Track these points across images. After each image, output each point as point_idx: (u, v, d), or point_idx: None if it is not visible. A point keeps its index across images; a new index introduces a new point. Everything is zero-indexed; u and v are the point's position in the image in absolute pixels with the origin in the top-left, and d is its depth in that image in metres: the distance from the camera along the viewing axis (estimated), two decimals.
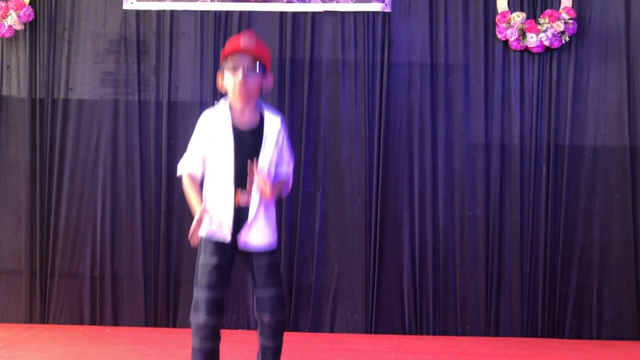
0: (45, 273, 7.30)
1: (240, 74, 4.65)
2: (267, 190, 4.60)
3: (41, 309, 7.30)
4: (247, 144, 4.70)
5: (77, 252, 7.31)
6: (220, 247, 4.70)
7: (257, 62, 4.72)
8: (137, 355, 6.12)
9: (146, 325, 7.22)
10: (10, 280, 7.33)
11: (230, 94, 4.75)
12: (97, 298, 7.28)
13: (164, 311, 7.24)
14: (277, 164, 4.80)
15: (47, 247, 7.31)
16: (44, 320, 7.28)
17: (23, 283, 7.29)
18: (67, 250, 7.30)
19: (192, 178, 4.79)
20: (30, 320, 7.27)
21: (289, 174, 4.90)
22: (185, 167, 4.81)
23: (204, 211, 4.62)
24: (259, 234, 4.74)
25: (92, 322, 7.26)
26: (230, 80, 4.70)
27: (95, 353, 6.19)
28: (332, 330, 7.15)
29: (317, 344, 6.46)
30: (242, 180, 4.67)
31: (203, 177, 4.82)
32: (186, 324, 7.07)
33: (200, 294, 4.70)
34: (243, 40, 4.75)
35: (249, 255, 4.75)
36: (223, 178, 4.68)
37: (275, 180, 4.78)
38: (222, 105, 4.78)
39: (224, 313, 4.79)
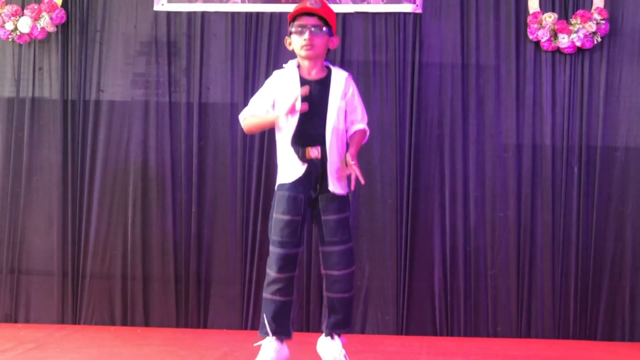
0: (77, 274, 7.34)
1: (307, 33, 4.72)
2: (353, 167, 4.67)
3: (73, 310, 7.33)
4: (315, 93, 4.76)
5: (109, 253, 7.34)
6: (292, 203, 4.76)
7: (323, 22, 4.78)
8: (169, 355, 6.13)
9: (177, 326, 7.24)
10: (43, 281, 7.37)
11: (297, 53, 4.82)
12: (129, 299, 7.32)
13: (194, 312, 7.25)
14: (350, 115, 4.84)
15: (79, 248, 7.35)
16: (75, 321, 7.32)
17: (55, 284, 7.33)
18: (98, 251, 7.33)
19: (254, 116, 4.86)
20: (62, 320, 7.32)
21: (365, 123, 4.92)
22: (249, 111, 4.87)
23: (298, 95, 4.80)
24: (333, 183, 4.85)
25: (124, 323, 7.29)
26: (297, 40, 4.77)
27: (127, 354, 6.21)
28: (362, 332, 7.15)
29: (348, 345, 6.42)
30: (308, 131, 4.72)
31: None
32: (217, 325, 7.19)
33: (273, 249, 4.76)
34: (310, 1, 4.81)
35: (319, 210, 4.78)
36: (289, 129, 4.74)
37: (353, 132, 4.83)
38: (290, 65, 4.86)
39: (297, 269, 4.85)
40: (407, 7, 7.19)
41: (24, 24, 7.20)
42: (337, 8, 7.14)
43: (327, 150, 4.87)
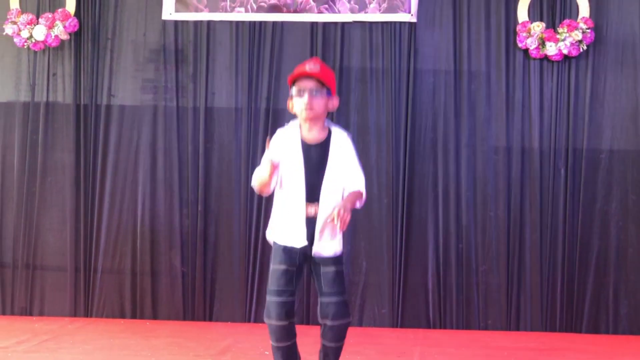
0: (88, 269, 7.33)
1: (306, 96, 4.68)
2: (347, 217, 4.61)
3: (85, 304, 7.32)
4: (315, 156, 4.73)
5: (119, 249, 7.33)
6: (289, 255, 4.72)
7: (323, 85, 4.74)
8: (176, 347, 6.13)
9: (184, 319, 7.23)
10: (56, 276, 7.35)
11: (299, 115, 4.77)
12: (138, 293, 7.30)
13: (200, 306, 7.24)
14: (348, 177, 4.80)
15: (90, 244, 7.33)
16: (87, 314, 7.30)
17: (68, 279, 7.32)
18: (109, 248, 7.32)
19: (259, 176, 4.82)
20: (74, 313, 7.30)
21: (361, 186, 4.87)
22: (258, 173, 4.83)
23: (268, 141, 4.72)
24: (328, 243, 4.76)
25: (133, 316, 7.28)
26: (298, 103, 4.72)
27: (136, 345, 6.20)
28: (360, 324, 7.14)
29: (346, 338, 6.41)
30: (311, 191, 4.70)
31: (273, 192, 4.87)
32: (221, 318, 7.18)
33: (270, 299, 4.72)
34: (309, 65, 4.77)
35: (316, 264, 4.77)
36: (293, 189, 4.71)
37: (349, 193, 4.78)
38: (292, 125, 4.82)
39: (295, 316, 4.78)
40: (403, 17, 7.18)
41: (39, 32, 7.19)
42: (336, 17, 7.17)
43: (320, 212, 4.82)
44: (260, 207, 7.13)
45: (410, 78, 7.19)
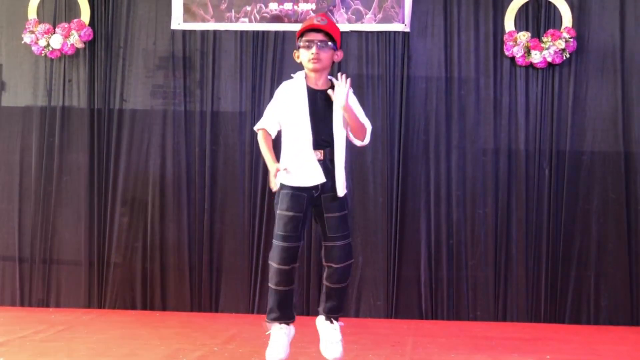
0: (102, 263, 7.34)
1: (314, 48, 4.71)
2: (345, 93, 4.73)
3: (98, 296, 7.33)
4: (320, 102, 4.76)
5: (130, 245, 7.35)
6: (297, 201, 4.73)
7: (329, 38, 4.77)
8: (184, 337, 6.13)
9: (191, 310, 7.24)
10: (71, 270, 7.37)
11: (305, 66, 4.80)
12: (148, 286, 7.32)
13: (207, 297, 7.26)
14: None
15: (103, 240, 7.35)
16: (101, 305, 7.32)
17: (82, 272, 7.34)
18: (121, 244, 7.34)
19: (266, 134, 4.87)
20: (89, 305, 7.31)
21: (367, 123, 4.92)
22: (263, 124, 4.87)
23: (277, 169, 4.71)
24: (339, 183, 4.82)
25: (143, 307, 7.29)
26: (305, 54, 4.75)
27: (147, 335, 6.21)
28: (356, 315, 7.15)
29: (344, 328, 6.41)
30: (317, 134, 4.71)
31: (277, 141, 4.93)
32: (227, 310, 7.19)
33: (277, 243, 4.73)
34: (317, 19, 4.80)
35: (321, 209, 4.77)
36: (301, 134, 4.72)
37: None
38: (298, 75, 4.84)
39: (298, 261, 4.81)
40: (397, 27, 7.20)
41: (56, 41, 7.22)
42: None
43: (335, 154, 4.86)
44: (263, 205, 7.16)
45: (404, 84, 7.21)
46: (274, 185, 4.78)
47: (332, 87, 4.90)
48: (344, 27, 7.15)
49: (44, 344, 5.81)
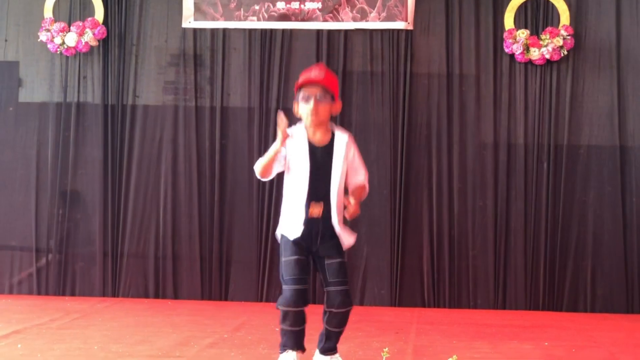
0: (116, 254, 7.27)
1: (312, 102, 4.56)
2: (355, 208, 4.56)
3: (112, 285, 7.27)
4: (321, 157, 4.62)
5: (143, 236, 7.28)
6: (298, 246, 4.61)
7: (327, 91, 4.62)
8: (195, 324, 6.06)
9: (202, 298, 7.17)
10: (87, 260, 7.30)
11: (304, 120, 4.65)
12: (160, 275, 7.25)
13: (217, 286, 7.19)
14: (351, 174, 4.70)
15: (117, 231, 7.28)
16: (115, 294, 7.25)
17: (97, 262, 7.27)
18: (134, 234, 7.27)
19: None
20: (103, 294, 7.25)
21: (365, 181, 4.78)
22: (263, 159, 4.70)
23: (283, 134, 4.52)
24: (342, 238, 4.69)
25: (156, 296, 7.22)
26: (303, 108, 4.60)
27: (159, 322, 6.14)
28: (361, 304, 7.08)
29: (349, 315, 6.35)
30: (315, 190, 4.59)
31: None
32: (236, 298, 7.13)
33: (287, 287, 4.59)
34: (314, 72, 4.65)
35: (320, 256, 4.67)
36: (299, 188, 4.60)
37: (354, 186, 4.69)
38: (299, 126, 4.69)
39: (309, 302, 4.66)
40: (400, 25, 7.12)
41: (71, 39, 7.15)
42: (340, 25, 7.12)
43: (331, 208, 4.69)
44: (271, 197, 7.08)
45: (407, 80, 7.14)
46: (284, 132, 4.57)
47: (333, 137, 4.71)
48: (349, 25, 7.13)
49: (60, 331, 5.74)
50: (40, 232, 7.32)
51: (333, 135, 4.69)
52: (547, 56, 6.90)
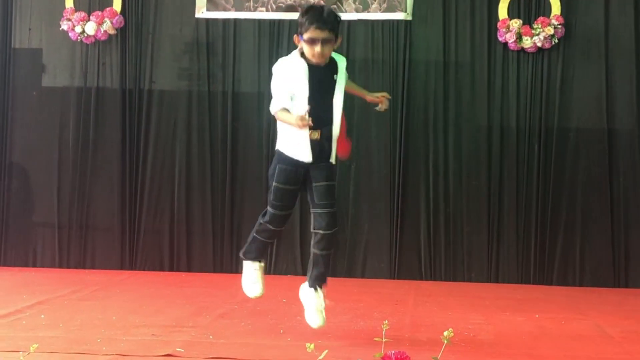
0: (133, 229, 7.19)
1: (319, 47, 4.42)
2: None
3: (130, 258, 7.18)
4: (321, 78, 4.49)
5: (159, 212, 7.18)
6: (293, 175, 4.52)
7: (331, 33, 4.47)
8: (207, 296, 5.97)
9: (214, 271, 7.08)
10: (106, 235, 7.21)
11: (308, 56, 4.49)
12: (175, 249, 7.16)
13: (228, 260, 7.10)
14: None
15: (134, 208, 7.19)
16: (132, 267, 7.16)
17: (116, 238, 7.18)
18: (150, 211, 7.18)
19: (285, 111, 4.53)
20: (121, 267, 7.15)
21: None
22: (280, 104, 4.51)
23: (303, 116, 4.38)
24: (333, 155, 4.58)
25: (170, 269, 7.13)
26: (309, 50, 4.44)
27: (173, 294, 6.05)
28: (362, 276, 7.00)
29: (351, 287, 6.37)
30: (316, 112, 4.41)
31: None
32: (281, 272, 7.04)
33: (275, 212, 4.59)
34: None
35: (311, 180, 4.54)
36: (300, 111, 4.41)
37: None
38: (295, 53, 4.53)
39: (287, 224, 4.78)
40: (399, 15, 7.01)
41: (90, 28, 7.04)
42: (343, 16, 6.93)
43: (333, 128, 4.54)
44: None
45: (406, 68, 7.02)
46: (306, 121, 4.42)
47: (332, 62, 4.56)
48: (351, 15, 7.06)
49: (81, 302, 5.67)
50: (61, 208, 7.22)
51: (332, 58, 4.55)
52: (539, 44, 6.78)
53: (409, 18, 7.01)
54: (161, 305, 5.59)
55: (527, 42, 6.78)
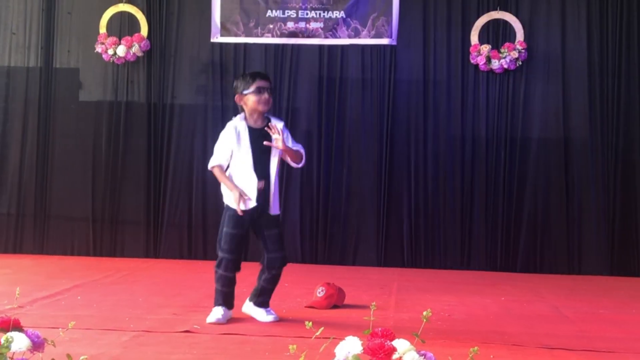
0: (156, 223, 7.15)
1: (266, 94, 4.42)
2: (281, 139, 4.38)
3: (154, 248, 7.14)
4: (261, 139, 4.43)
5: (179, 209, 7.14)
6: (240, 221, 4.42)
7: (271, 84, 4.52)
8: None
9: None
10: (133, 228, 7.17)
11: (250, 107, 4.46)
12: (192, 240, 7.12)
13: None
14: (290, 154, 4.51)
15: (158, 205, 7.16)
16: (156, 256, 7.11)
17: (142, 230, 7.15)
18: (172, 208, 7.14)
19: (221, 168, 4.51)
20: (146, 255, 7.11)
21: (303, 150, 4.60)
22: (217, 161, 4.49)
23: (239, 191, 4.39)
24: (274, 205, 4.51)
25: (189, 257, 7.08)
26: (256, 98, 4.42)
27: (191, 279, 6.02)
28: (353, 264, 6.96)
29: (343, 274, 6.33)
30: (258, 165, 4.42)
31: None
32: (254, 259, 6.80)
33: (224, 255, 4.45)
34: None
35: (262, 227, 4.48)
36: (244, 164, 4.40)
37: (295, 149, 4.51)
38: (238, 118, 4.52)
39: (239, 270, 4.54)
40: (386, 41, 6.98)
41: (121, 50, 7.01)
42: (338, 41, 7.05)
43: (271, 183, 4.48)
44: (282, 175, 6.87)
45: (391, 86, 7.01)
46: (239, 206, 4.40)
47: (269, 120, 4.53)
48: (345, 41, 7.04)
49: (112, 285, 5.66)
50: (96, 205, 7.18)
51: (268, 120, 4.52)
52: (505, 66, 6.77)
53: (394, 43, 6.98)
54: (181, 288, 5.57)
55: (495, 64, 6.76)
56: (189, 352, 3.74)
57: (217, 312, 4.46)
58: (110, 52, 7.04)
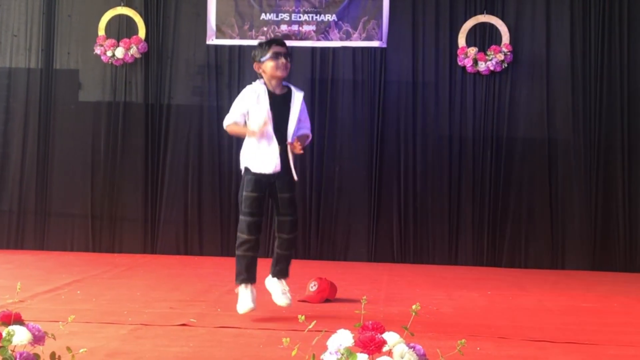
0: (153, 220, 7.14)
1: (282, 59, 4.37)
2: (300, 148, 4.31)
3: (151, 244, 7.13)
4: (280, 104, 4.40)
5: (175, 206, 7.13)
6: (259, 184, 4.35)
7: (289, 53, 4.45)
8: (216, 276, 5.92)
9: (221, 255, 7.00)
10: (131, 225, 7.16)
11: (269, 73, 4.40)
12: (188, 236, 7.12)
13: (233, 245, 6.74)
14: (301, 122, 4.47)
15: (155, 202, 7.14)
16: (153, 251, 7.11)
17: (139, 226, 7.14)
18: (169, 205, 7.13)
19: (236, 125, 4.46)
20: (144, 251, 7.10)
21: (309, 130, 4.56)
22: (232, 119, 4.39)
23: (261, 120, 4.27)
24: (294, 170, 4.41)
25: (185, 253, 7.08)
26: (274, 64, 4.36)
27: (187, 274, 6.01)
28: (345, 259, 6.98)
29: (335, 268, 6.34)
30: (277, 130, 4.32)
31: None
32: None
33: (245, 218, 4.37)
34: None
35: (275, 190, 4.40)
36: (265, 129, 4.29)
37: (301, 133, 4.43)
38: (258, 82, 4.46)
39: (261, 232, 4.48)
40: (376, 43, 7.00)
41: (119, 52, 7.00)
42: (330, 44, 7.06)
43: (288, 147, 4.36)
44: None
45: (382, 87, 7.01)
46: (261, 125, 4.33)
47: (289, 92, 4.47)
48: (337, 43, 7.04)
49: (110, 280, 5.65)
50: (95, 202, 7.17)
51: (289, 89, 4.48)
52: (492, 68, 6.79)
53: (384, 46, 6.99)
54: (177, 283, 5.56)
55: (481, 66, 6.78)
56: (185, 344, 3.74)
57: (245, 299, 4.37)
58: (109, 53, 7.02)
